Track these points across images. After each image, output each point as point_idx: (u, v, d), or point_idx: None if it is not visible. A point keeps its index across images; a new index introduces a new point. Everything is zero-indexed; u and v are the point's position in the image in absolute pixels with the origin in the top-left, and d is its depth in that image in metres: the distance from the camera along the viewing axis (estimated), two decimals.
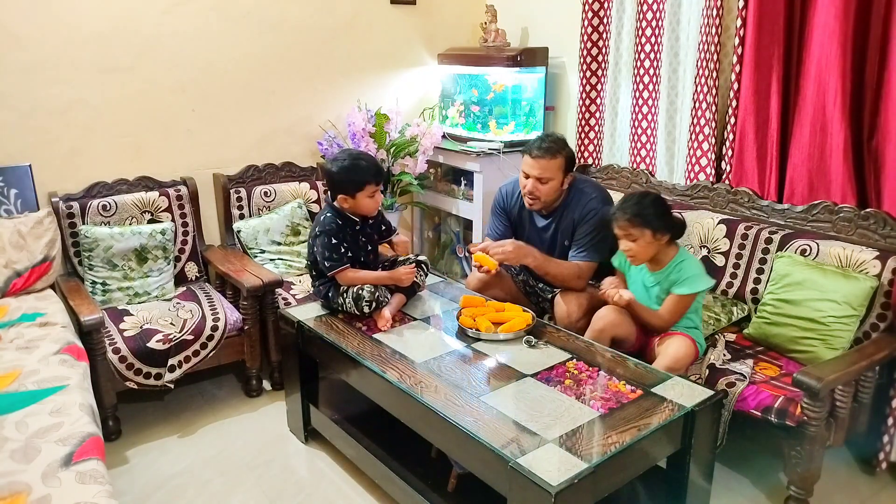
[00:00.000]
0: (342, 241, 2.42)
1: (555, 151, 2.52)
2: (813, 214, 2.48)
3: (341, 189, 2.42)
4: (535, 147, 2.54)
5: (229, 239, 3.23)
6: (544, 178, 2.53)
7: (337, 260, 2.40)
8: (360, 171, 2.40)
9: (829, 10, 2.38)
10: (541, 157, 2.52)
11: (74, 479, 1.58)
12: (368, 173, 2.40)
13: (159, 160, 3.11)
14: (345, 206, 2.45)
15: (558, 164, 2.53)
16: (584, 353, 2.15)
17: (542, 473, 1.53)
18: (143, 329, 2.56)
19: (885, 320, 2.22)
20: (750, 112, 2.66)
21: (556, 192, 2.58)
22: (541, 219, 2.71)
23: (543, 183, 2.54)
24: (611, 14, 3.20)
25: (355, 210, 2.46)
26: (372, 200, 2.45)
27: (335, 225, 2.43)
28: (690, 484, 1.90)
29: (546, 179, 2.54)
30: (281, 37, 3.31)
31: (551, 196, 2.59)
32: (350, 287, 2.40)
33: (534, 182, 2.55)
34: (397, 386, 1.97)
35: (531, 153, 2.54)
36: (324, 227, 2.42)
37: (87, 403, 1.96)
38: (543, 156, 2.52)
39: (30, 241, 2.66)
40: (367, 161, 2.46)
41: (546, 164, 2.52)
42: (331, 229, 2.41)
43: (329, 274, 2.42)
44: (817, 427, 1.96)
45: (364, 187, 2.40)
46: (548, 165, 2.52)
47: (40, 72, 2.77)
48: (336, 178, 2.42)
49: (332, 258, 2.39)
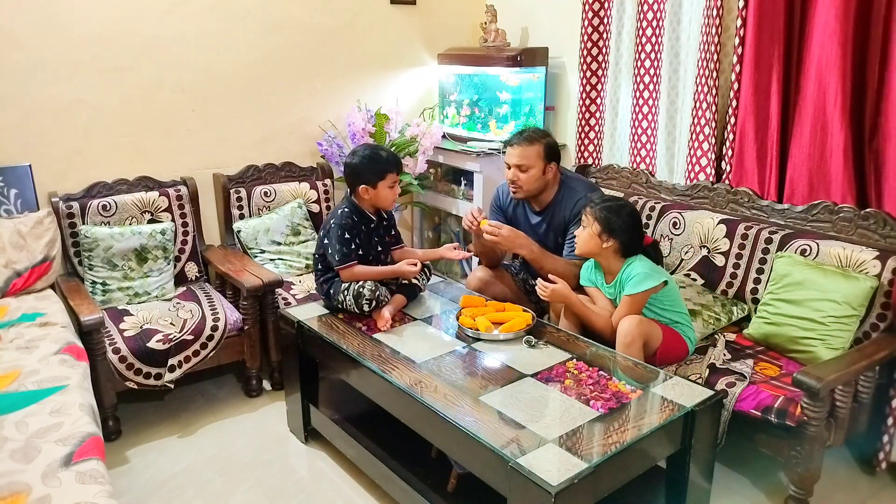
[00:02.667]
0: (355, 237, 2.45)
1: (532, 139, 2.60)
2: (813, 214, 2.48)
3: (363, 179, 2.46)
4: (515, 137, 2.64)
5: (229, 239, 3.24)
6: (524, 165, 2.59)
7: (346, 255, 2.41)
8: (382, 161, 2.47)
9: (829, 10, 2.38)
10: (518, 145, 2.60)
11: (74, 479, 1.58)
12: (390, 163, 2.48)
13: (159, 160, 3.11)
14: (365, 197, 2.48)
15: (536, 150, 2.58)
16: (584, 353, 2.15)
17: (542, 473, 1.53)
18: (143, 329, 2.56)
19: (885, 320, 2.22)
20: (750, 112, 2.66)
21: (538, 180, 2.62)
22: (534, 216, 2.74)
23: (523, 171, 2.60)
24: (611, 14, 3.20)
25: (375, 202, 2.50)
26: (391, 191, 2.50)
27: (351, 220, 2.45)
28: (690, 484, 1.90)
29: (526, 167, 2.59)
30: (281, 37, 3.31)
31: (532, 184, 2.62)
32: (351, 284, 2.41)
33: (514, 171, 2.62)
34: (397, 386, 1.97)
35: (510, 142, 2.63)
36: (340, 220, 2.44)
37: (87, 403, 1.95)
38: (521, 143, 2.59)
39: (30, 241, 2.66)
40: (388, 152, 2.54)
41: (523, 152, 2.58)
42: (346, 224, 2.44)
43: (336, 268, 2.43)
44: (817, 427, 1.96)
45: (385, 176, 2.46)
46: (525, 153, 2.58)
47: (40, 72, 2.77)
48: (359, 168, 2.46)
49: (342, 251, 2.41)
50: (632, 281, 2.25)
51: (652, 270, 2.27)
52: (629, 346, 2.16)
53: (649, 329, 2.20)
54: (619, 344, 2.19)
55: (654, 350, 2.23)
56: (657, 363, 2.20)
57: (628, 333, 2.17)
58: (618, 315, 2.27)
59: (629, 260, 2.30)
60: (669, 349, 2.26)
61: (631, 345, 2.16)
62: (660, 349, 2.24)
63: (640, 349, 2.17)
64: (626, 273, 2.28)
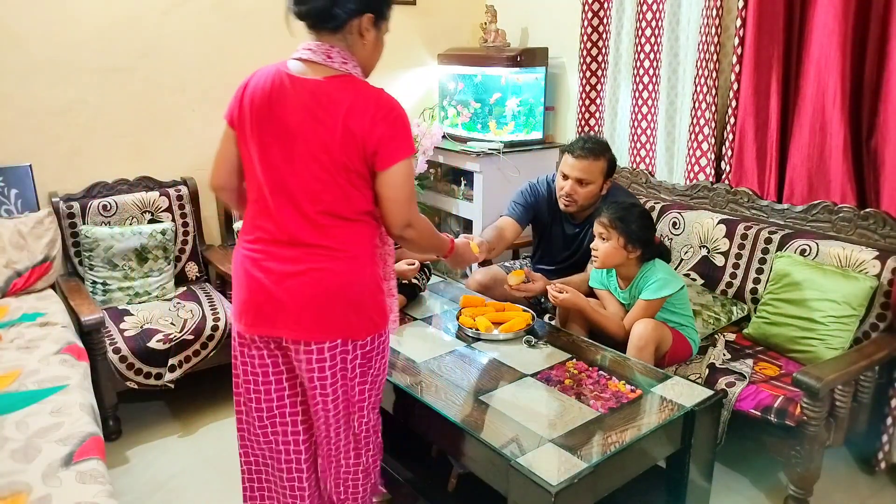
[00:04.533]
0: None
1: (598, 153, 2.43)
2: (812, 214, 2.48)
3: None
4: (578, 147, 2.45)
5: (229, 239, 3.24)
6: (585, 180, 2.45)
7: None
8: None
9: (828, 11, 2.38)
10: (583, 158, 2.42)
11: (75, 478, 1.58)
12: None
13: (160, 160, 3.11)
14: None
15: (600, 167, 2.44)
16: (584, 353, 2.15)
17: (542, 473, 1.53)
18: (144, 329, 2.56)
19: (884, 320, 2.23)
20: (749, 112, 2.66)
21: (595, 196, 2.50)
22: (571, 226, 2.64)
23: (583, 185, 2.46)
24: (610, 14, 3.20)
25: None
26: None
27: None
28: (690, 484, 1.90)
29: (586, 182, 2.45)
30: (281, 36, 3.30)
31: (589, 200, 2.50)
32: None
33: (573, 184, 2.47)
34: (397, 386, 1.98)
35: (573, 153, 2.44)
36: None
37: (88, 403, 1.96)
38: (587, 156, 2.42)
39: (30, 241, 2.66)
40: None
41: (588, 166, 2.43)
42: None
43: None
44: (817, 427, 1.96)
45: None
46: (589, 167, 2.43)
47: (40, 72, 2.77)
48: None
49: None
50: (651, 286, 2.23)
51: (670, 276, 2.26)
52: (642, 349, 2.14)
53: (662, 333, 2.20)
54: (632, 347, 2.17)
55: (663, 353, 2.23)
56: (664, 366, 2.20)
57: (642, 337, 2.15)
58: (630, 319, 2.26)
59: (647, 265, 2.28)
60: (676, 351, 2.26)
61: (644, 349, 2.15)
62: (668, 352, 2.24)
63: (653, 353, 2.17)
64: (645, 278, 2.26)
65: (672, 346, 2.24)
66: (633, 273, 2.30)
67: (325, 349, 1.54)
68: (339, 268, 1.52)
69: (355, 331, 1.55)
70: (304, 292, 1.51)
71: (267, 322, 1.55)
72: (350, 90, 1.49)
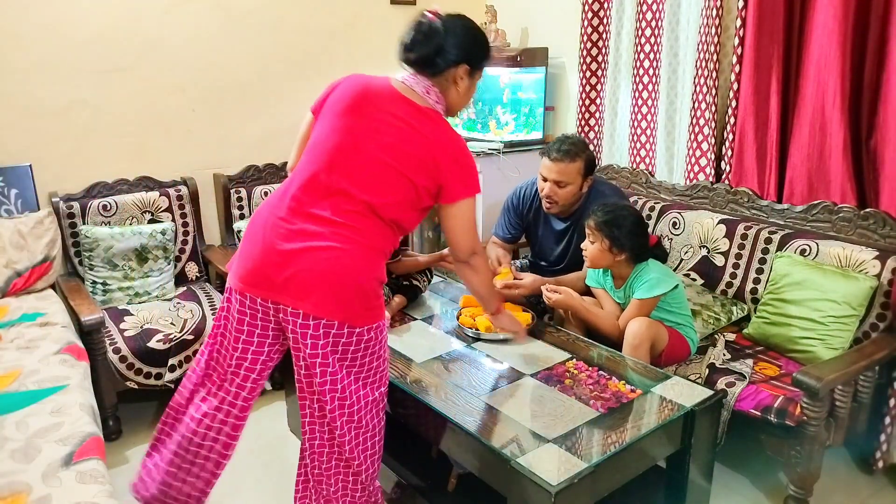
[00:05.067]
0: None
1: (574, 154, 2.45)
2: (812, 214, 2.48)
3: None
4: (554, 150, 2.47)
5: (229, 239, 3.24)
6: (562, 181, 2.47)
7: None
8: None
9: (828, 11, 2.38)
10: (559, 160, 2.45)
11: (75, 478, 1.58)
12: None
13: (160, 160, 3.11)
14: None
15: (577, 167, 2.46)
16: (583, 353, 2.15)
17: (542, 473, 1.54)
18: (144, 329, 2.56)
19: (884, 320, 2.23)
20: (749, 112, 2.66)
21: (575, 195, 2.53)
22: (558, 222, 2.67)
23: (561, 187, 2.49)
24: (610, 14, 3.20)
25: None
26: None
27: None
28: (690, 484, 1.90)
29: (564, 183, 2.48)
30: (281, 37, 3.31)
31: (569, 200, 2.53)
32: None
33: (552, 185, 2.49)
34: (397, 386, 1.98)
35: (550, 155, 2.47)
36: None
37: (88, 403, 1.96)
38: (562, 159, 2.45)
39: (30, 241, 2.66)
40: None
41: (564, 168, 2.45)
42: None
43: None
44: (817, 427, 1.96)
45: None
46: (566, 169, 2.46)
47: (40, 72, 2.77)
48: None
49: None
50: (644, 286, 2.24)
51: (664, 275, 2.26)
52: (637, 348, 2.15)
53: (657, 331, 2.20)
54: (627, 346, 2.17)
55: (659, 352, 2.23)
56: (661, 365, 2.20)
57: (637, 336, 2.16)
58: (625, 318, 2.26)
59: (641, 265, 2.29)
60: (673, 350, 2.26)
61: (639, 347, 2.15)
62: (665, 351, 2.24)
63: (648, 351, 2.17)
64: (638, 277, 2.27)
65: (669, 345, 2.24)
66: (626, 273, 2.31)
67: (321, 325, 1.60)
68: (358, 255, 1.64)
69: (354, 317, 1.62)
70: (320, 267, 1.59)
71: (273, 288, 1.62)
72: (443, 127, 1.74)
